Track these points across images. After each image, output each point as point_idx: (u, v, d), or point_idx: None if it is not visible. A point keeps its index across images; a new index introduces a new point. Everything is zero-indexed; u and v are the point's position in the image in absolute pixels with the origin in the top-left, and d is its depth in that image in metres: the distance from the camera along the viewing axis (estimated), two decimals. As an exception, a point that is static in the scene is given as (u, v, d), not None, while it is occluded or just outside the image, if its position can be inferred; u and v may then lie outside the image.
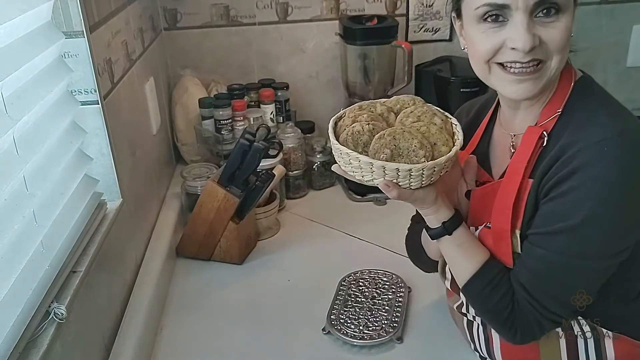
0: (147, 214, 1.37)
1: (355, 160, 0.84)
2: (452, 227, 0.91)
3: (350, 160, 0.85)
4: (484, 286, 0.89)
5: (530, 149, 0.86)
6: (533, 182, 0.85)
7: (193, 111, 1.71)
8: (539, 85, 0.84)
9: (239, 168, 1.31)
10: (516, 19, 0.80)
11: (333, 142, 0.87)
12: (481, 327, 0.98)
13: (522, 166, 0.86)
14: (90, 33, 1.01)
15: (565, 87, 0.87)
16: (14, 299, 0.73)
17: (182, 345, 1.13)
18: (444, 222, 0.91)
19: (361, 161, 0.83)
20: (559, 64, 0.83)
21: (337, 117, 0.94)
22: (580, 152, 0.79)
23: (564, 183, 0.80)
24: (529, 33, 0.80)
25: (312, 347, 1.10)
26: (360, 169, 0.85)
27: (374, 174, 0.84)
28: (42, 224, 0.83)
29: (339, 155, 0.88)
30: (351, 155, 0.84)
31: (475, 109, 1.07)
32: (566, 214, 0.81)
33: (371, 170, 0.84)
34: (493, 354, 0.98)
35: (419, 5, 1.83)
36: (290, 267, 1.36)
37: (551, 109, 0.87)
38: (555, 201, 0.82)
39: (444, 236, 0.92)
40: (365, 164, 0.83)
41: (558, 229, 0.82)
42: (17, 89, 0.81)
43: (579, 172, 0.79)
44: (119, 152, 1.11)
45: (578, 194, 0.79)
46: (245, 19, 1.80)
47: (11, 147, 0.78)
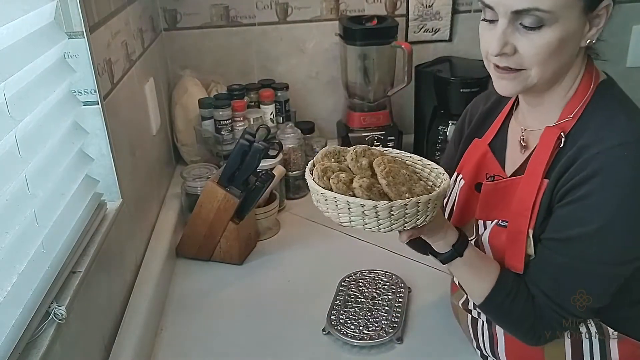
0: (147, 214, 1.37)
1: (358, 207, 0.80)
2: (461, 248, 0.90)
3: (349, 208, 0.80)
4: (502, 300, 0.88)
5: (549, 149, 0.85)
6: (549, 183, 0.84)
7: (193, 111, 1.71)
8: (518, 87, 0.85)
9: (239, 168, 1.31)
10: (499, 22, 0.81)
11: (329, 194, 0.81)
12: (486, 324, 0.98)
13: (541, 168, 0.85)
14: (90, 33, 1.01)
15: (586, 89, 0.86)
16: (14, 299, 0.73)
17: (182, 345, 1.13)
18: (453, 245, 0.90)
19: (365, 207, 0.79)
20: (540, 74, 0.82)
21: (310, 167, 0.90)
22: (599, 154, 0.78)
23: (582, 187, 0.79)
24: (500, 40, 0.80)
25: (312, 347, 1.11)
26: (363, 216, 0.81)
27: (381, 220, 0.81)
28: (42, 225, 0.83)
29: (342, 207, 0.81)
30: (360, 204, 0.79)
31: (493, 99, 1.05)
32: (584, 218, 0.80)
33: (377, 217, 0.80)
34: (497, 353, 0.98)
35: (418, 5, 1.83)
36: (290, 268, 1.36)
37: (570, 110, 0.86)
38: (572, 205, 0.81)
39: (455, 259, 0.90)
40: (379, 209, 0.79)
41: (577, 235, 0.81)
42: (20, 89, 0.81)
43: (597, 176, 0.78)
44: (118, 153, 1.11)
45: (596, 199, 0.78)
46: (245, 19, 1.81)
47: (13, 147, 0.78)
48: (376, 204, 0.78)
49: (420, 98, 1.80)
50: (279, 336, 1.14)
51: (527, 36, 0.79)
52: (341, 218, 0.82)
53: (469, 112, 1.09)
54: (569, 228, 0.82)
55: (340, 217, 0.82)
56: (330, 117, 1.89)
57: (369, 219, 0.80)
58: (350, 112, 1.73)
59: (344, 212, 0.81)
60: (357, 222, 0.81)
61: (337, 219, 0.83)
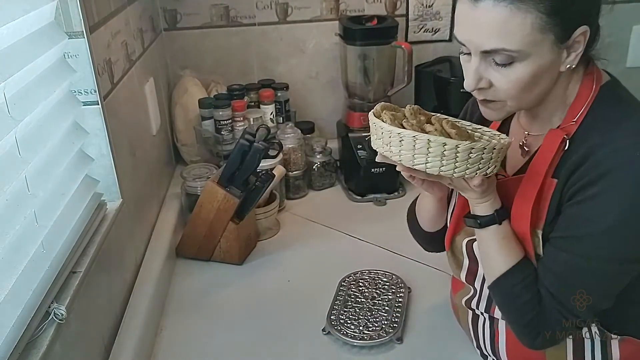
0: (147, 214, 1.37)
1: (438, 147, 0.78)
2: (502, 216, 0.89)
3: (429, 148, 0.78)
4: (516, 283, 0.87)
5: (552, 151, 0.84)
6: (558, 182, 0.84)
7: (193, 112, 1.71)
8: (502, 114, 0.88)
9: (239, 168, 1.31)
10: (472, 59, 0.83)
11: (419, 135, 0.79)
12: (487, 322, 0.98)
13: (543, 168, 0.85)
14: (90, 33, 1.01)
15: (587, 92, 0.85)
16: (14, 299, 0.73)
17: (182, 345, 1.13)
18: (496, 210, 0.88)
19: (447, 146, 0.77)
20: (518, 104, 0.85)
21: (376, 114, 0.88)
22: (610, 154, 0.78)
23: (593, 186, 0.79)
24: (474, 76, 0.82)
25: (312, 347, 1.11)
26: (442, 157, 0.79)
27: (458, 163, 0.79)
28: (43, 225, 0.83)
29: (420, 146, 0.79)
30: (442, 142, 0.78)
31: None
32: (594, 217, 0.80)
33: (455, 159, 0.79)
34: (497, 352, 0.98)
35: (418, 5, 1.83)
36: (290, 268, 1.36)
37: (573, 114, 0.86)
38: (582, 205, 0.81)
39: (492, 225, 0.89)
40: (460, 149, 0.78)
41: (585, 233, 0.81)
42: (20, 89, 0.81)
43: (608, 175, 0.78)
44: (118, 153, 1.11)
45: (607, 198, 0.78)
46: (245, 19, 1.80)
47: (13, 147, 0.78)
48: (458, 143, 0.77)
49: (420, 98, 1.80)
50: (279, 336, 1.14)
51: (500, 71, 0.81)
52: (416, 160, 0.80)
53: (469, 110, 1.09)
54: (578, 226, 0.82)
55: (416, 158, 0.80)
56: (330, 117, 1.89)
57: (447, 160, 0.79)
58: (350, 112, 1.73)
59: (421, 152, 0.79)
60: (433, 164, 0.79)
61: (411, 161, 0.80)
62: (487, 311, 0.97)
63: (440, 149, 0.78)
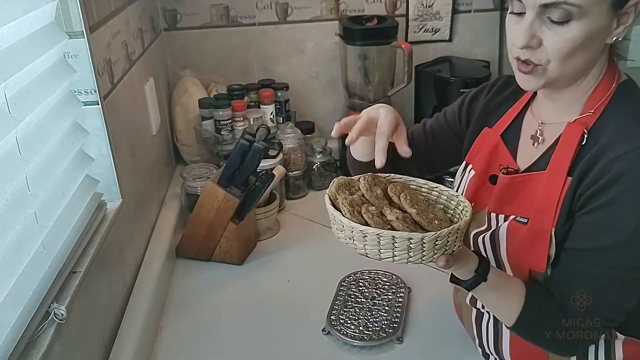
0: (147, 214, 1.37)
1: (404, 242, 0.77)
2: (485, 272, 0.86)
3: (394, 243, 0.78)
4: (534, 316, 0.86)
5: (573, 146, 0.83)
6: (572, 181, 0.82)
7: (193, 112, 1.71)
8: (541, 81, 0.83)
9: (239, 168, 1.31)
10: (526, 15, 0.80)
11: (371, 230, 0.78)
12: (492, 320, 0.97)
13: (565, 165, 0.83)
14: (90, 33, 1.01)
15: (607, 87, 0.85)
16: (15, 299, 0.73)
17: (182, 345, 1.13)
18: (476, 271, 0.86)
19: (412, 240, 0.77)
20: (561, 69, 0.81)
21: (328, 201, 0.88)
22: (624, 155, 0.77)
23: (608, 190, 0.78)
24: (526, 32, 0.79)
25: (312, 347, 1.11)
26: (408, 250, 0.78)
27: (425, 252, 0.79)
28: (43, 225, 0.83)
29: (385, 242, 0.78)
30: (407, 237, 0.77)
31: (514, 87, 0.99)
32: (614, 226, 0.78)
33: (422, 249, 0.78)
34: (501, 351, 0.97)
35: (418, 5, 1.83)
36: (290, 268, 1.36)
37: (591, 106, 0.85)
38: (599, 212, 0.79)
39: (479, 284, 0.87)
40: (425, 240, 0.77)
41: (608, 244, 0.79)
42: (20, 89, 0.81)
43: (623, 179, 0.77)
44: (118, 153, 1.11)
45: (624, 203, 0.77)
46: (245, 19, 1.81)
47: (14, 147, 0.78)
48: (423, 236, 0.76)
49: (420, 98, 1.80)
50: (279, 336, 1.14)
51: (554, 30, 0.78)
52: (382, 254, 0.79)
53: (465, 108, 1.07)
54: (599, 236, 0.80)
55: (382, 253, 0.79)
56: (330, 117, 1.89)
57: (414, 252, 0.78)
58: (350, 112, 1.73)
59: (387, 247, 0.78)
60: (401, 257, 0.79)
61: (378, 255, 0.80)
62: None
63: (406, 243, 0.77)
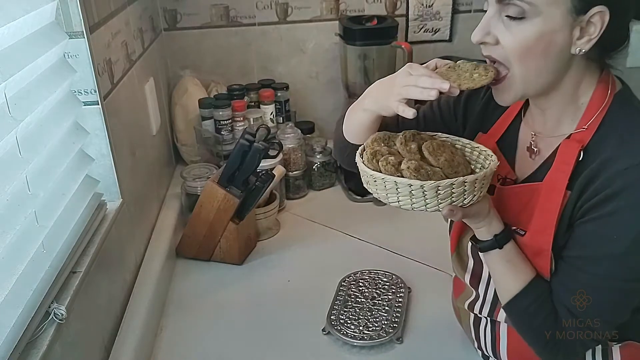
0: (147, 214, 1.37)
1: (405, 187, 0.81)
2: (503, 240, 0.87)
3: (397, 188, 0.82)
4: (529, 304, 0.86)
5: (570, 165, 0.82)
6: (571, 195, 0.82)
7: (193, 112, 1.71)
8: (510, 95, 0.84)
9: (239, 168, 1.31)
10: (487, 11, 0.82)
11: (378, 175, 0.83)
12: (489, 325, 0.97)
13: (563, 184, 0.83)
14: (91, 33, 1.01)
15: (601, 99, 0.84)
16: (15, 299, 0.73)
17: (182, 345, 1.13)
18: (495, 235, 0.87)
19: (413, 187, 0.80)
20: (523, 73, 0.81)
21: (360, 152, 0.92)
22: (626, 170, 0.77)
23: (608, 203, 0.78)
24: (481, 27, 0.81)
25: (312, 347, 1.11)
26: (410, 196, 0.82)
27: (428, 200, 0.81)
28: (43, 225, 0.83)
29: (390, 187, 0.82)
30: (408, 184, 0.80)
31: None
32: (612, 236, 0.79)
33: (424, 197, 0.81)
34: (499, 355, 0.97)
35: (418, 5, 1.83)
36: (290, 268, 1.36)
37: (585, 121, 0.84)
38: (598, 222, 0.80)
39: (494, 249, 0.88)
40: (426, 188, 0.80)
41: (604, 254, 0.80)
42: (21, 89, 0.81)
43: (625, 192, 0.77)
44: (118, 153, 1.11)
45: (624, 216, 0.77)
46: (245, 19, 1.81)
47: (14, 147, 0.78)
48: (423, 183, 0.79)
49: (420, 98, 1.80)
50: (279, 336, 1.14)
51: (510, 28, 0.79)
52: (389, 198, 0.83)
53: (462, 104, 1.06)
54: (596, 246, 0.80)
55: (389, 197, 0.83)
56: (330, 117, 1.89)
57: (417, 199, 0.81)
58: (350, 112, 1.73)
59: (392, 192, 0.82)
60: (405, 202, 0.82)
61: (386, 200, 0.84)
62: (491, 315, 0.97)
63: (407, 189, 0.81)
